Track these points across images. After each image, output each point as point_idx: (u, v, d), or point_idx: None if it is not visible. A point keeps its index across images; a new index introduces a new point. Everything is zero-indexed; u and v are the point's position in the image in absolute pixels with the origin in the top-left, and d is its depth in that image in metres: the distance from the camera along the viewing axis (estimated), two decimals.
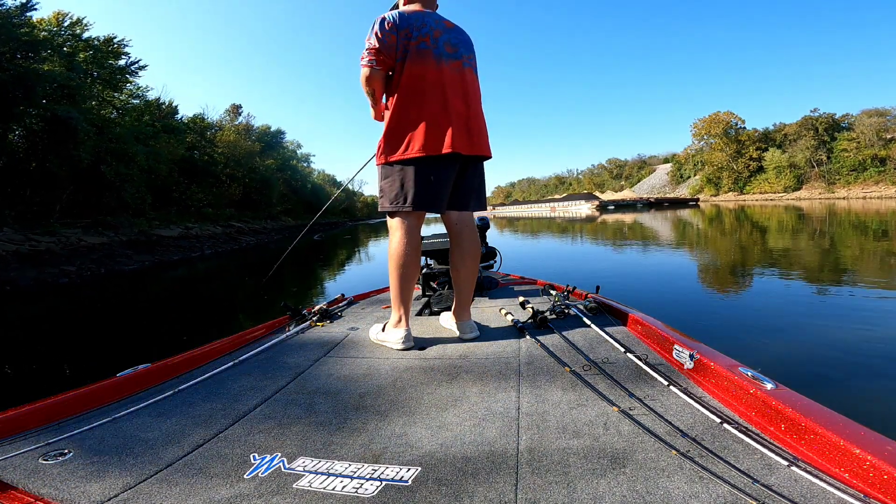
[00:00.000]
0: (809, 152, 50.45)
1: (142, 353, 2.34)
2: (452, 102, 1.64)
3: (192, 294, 7.45)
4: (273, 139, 44.27)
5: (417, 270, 1.75)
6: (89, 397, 1.26)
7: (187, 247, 14.46)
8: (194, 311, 5.86)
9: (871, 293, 4.45)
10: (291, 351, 1.70)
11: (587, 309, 1.89)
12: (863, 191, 43.65)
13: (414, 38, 1.63)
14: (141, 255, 11.81)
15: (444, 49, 1.68)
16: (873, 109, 46.90)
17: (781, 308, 4.14)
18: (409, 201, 1.64)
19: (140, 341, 4.24)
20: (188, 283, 8.91)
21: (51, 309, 6.51)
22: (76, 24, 19.55)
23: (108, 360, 3.58)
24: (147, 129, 20.63)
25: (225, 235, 18.85)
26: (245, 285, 7.88)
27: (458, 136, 1.62)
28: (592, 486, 0.78)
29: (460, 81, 1.69)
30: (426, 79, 1.64)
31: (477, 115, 1.74)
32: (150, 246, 12.99)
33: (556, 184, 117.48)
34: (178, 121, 27.61)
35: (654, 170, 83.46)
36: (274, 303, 5.94)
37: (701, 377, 1.19)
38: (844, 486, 0.73)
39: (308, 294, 6.68)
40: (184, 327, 4.75)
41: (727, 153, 58.26)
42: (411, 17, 1.66)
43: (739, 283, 5.65)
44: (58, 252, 10.21)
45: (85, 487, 0.85)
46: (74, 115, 13.73)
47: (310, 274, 9.01)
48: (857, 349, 2.93)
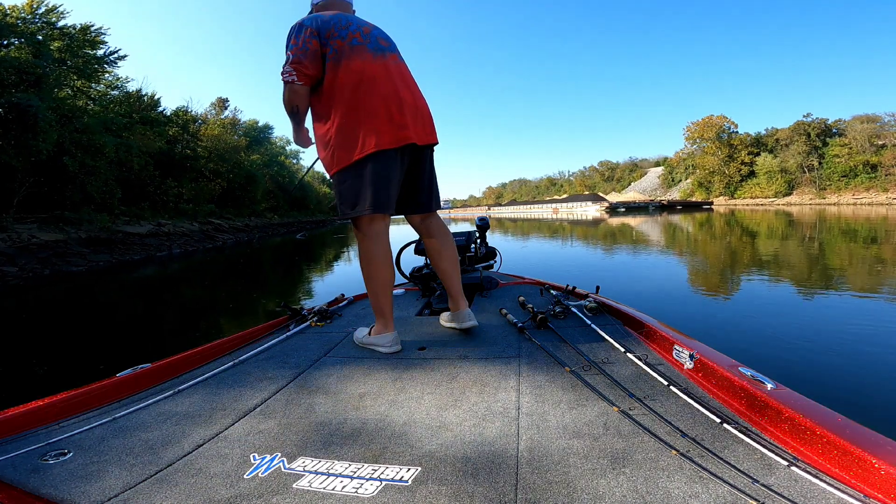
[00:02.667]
0: (801, 157, 50.51)
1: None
2: (401, 93, 1.59)
3: (134, 304, 6.58)
4: (260, 134, 43.14)
5: (391, 274, 1.72)
6: (89, 397, 1.26)
7: (155, 245, 13.50)
8: (124, 329, 5.03)
9: (871, 294, 4.45)
10: (291, 351, 1.68)
11: (587, 309, 1.87)
12: (853, 197, 43.71)
13: (343, 36, 1.57)
14: (99, 254, 10.88)
15: (379, 43, 1.63)
16: (863, 116, 47.03)
17: (782, 308, 4.13)
18: (372, 204, 1.56)
19: (21, 370, 3.43)
20: (141, 289, 8.01)
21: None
22: (50, 12, 18.64)
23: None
24: (119, 118, 19.58)
25: (201, 233, 17.87)
26: (200, 296, 7.03)
27: (412, 125, 1.59)
28: (592, 486, 0.78)
29: (401, 73, 1.65)
30: (366, 72, 1.56)
31: (424, 105, 1.68)
32: (112, 244, 12.03)
33: (547, 185, 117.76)
34: (159, 113, 26.56)
35: (646, 173, 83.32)
36: (236, 314, 5.16)
37: (701, 377, 1.18)
38: (844, 486, 0.73)
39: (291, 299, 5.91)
40: (94, 352, 3.92)
41: (719, 157, 58.23)
42: (332, 20, 1.59)
43: (740, 283, 5.54)
44: (2, 250, 9.29)
45: (85, 487, 0.85)
46: (35, 104, 12.73)
47: (293, 276, 8.23)
48: (858, 349, 2.92)
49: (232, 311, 5.46)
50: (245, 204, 31.64)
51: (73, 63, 19.45)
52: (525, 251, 10.43)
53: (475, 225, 2.93)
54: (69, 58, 19.16)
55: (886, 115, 45.39)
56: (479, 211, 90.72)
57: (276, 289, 7.18)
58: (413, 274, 2.64)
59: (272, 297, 6.17)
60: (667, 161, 77.18)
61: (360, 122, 1.53)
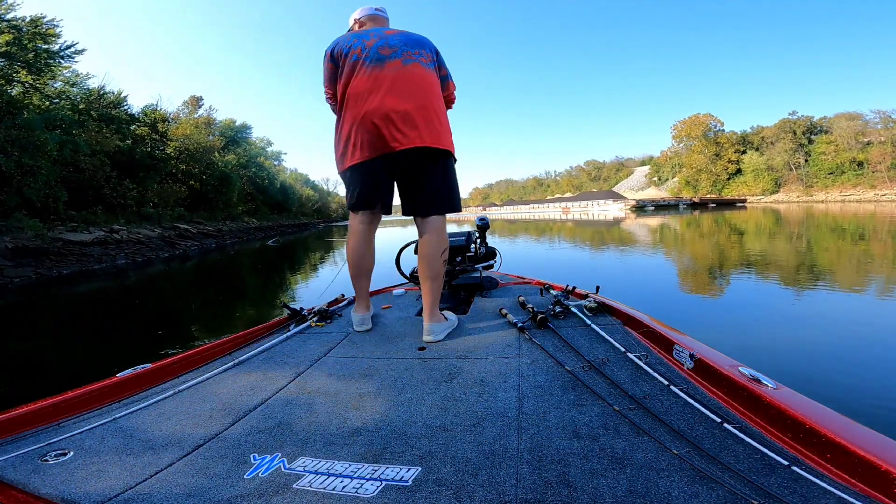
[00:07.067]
0: (788, 155, 50.48)
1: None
2: (386, 104, 1.66)
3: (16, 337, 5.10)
4: (237, 134, 41.23)
5: (366, 262, 1.91)
6: (89, 397, 1.27)
7: (98, 255, 11.83)
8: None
9: (871, 295, 4.46)
10: (291, 351, 1.68)
11: (587, 309, 1.85)
12: (841, 194, 43.68)
13: (346, 54, 1.74)
14: (20, 267, 9.27)
15: (378, 53, 1.71)
16: (847, 113, 47.11)
17: (782, 308, 4.11)
18: (351, 204, 1.84)
19: None
20: (41, 313, 6.51)
21: None
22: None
23: None
24: (66, 114, 17.84)
25: (160, 239, 16.16)
26: (109, 331, 5.56)
27: (390, 135, 1.67)
28: (592, 486, 0.78)
29: (398, 78, 1.69)
30: (355, 88, 1.71)
31: (424, 108, 1.70)
32: (43, 255, 10.40)
33: (534, 185, 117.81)
34: (121, 111, 24.79)
35: (632, 172, 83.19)
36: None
37: (701, 377, 1.17)
38: (844, 486, 0.73)
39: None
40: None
41: (706, 155, 58.06)
42: (343, 40, 1.78)
43: (740, 283, 5.46)
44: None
45: (85, 487, 0.85)
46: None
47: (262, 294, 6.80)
48: (858, 349, 2.91)
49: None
50: (219, 207, 29.86)
51: (21, 58, 17.80)
52: (525, 251, 9.19)
53: (475, 225, 2.89)
54: (18, 52, 17.47)
55: (870, 112, 45.50)
56: (469, 212, 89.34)
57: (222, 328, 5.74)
58: (413, 274, 2.68)
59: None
60: (653, 160, 77.08)
61: (347, 136, 1.74)
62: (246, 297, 6.89)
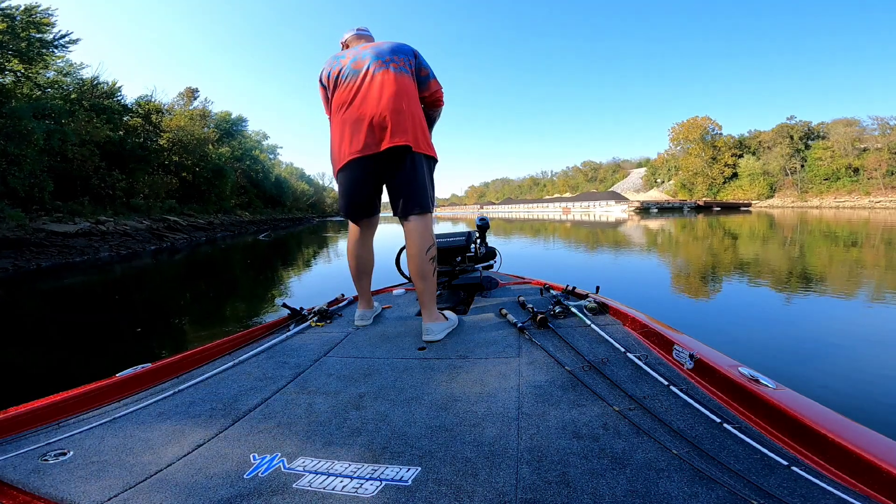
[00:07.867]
0: (784, 160, 50.53)
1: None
2: (361, 111, 1.77)
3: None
4: (232, 127, 40.82)
5: (365, 263, 2.02)
6: (89, 397, 1.26)
7: (81, 247, 11.61)
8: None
9: (871, 295, 4.49)
10: (291, 351, 1.68)
11: (587, 309, 1.86)
12: (835, 199, 43.74)
13: (329, 75, 1.91)
14: (0, 259, 9.06)
15: (352, 68, 1.85)
16: (844, 119, 47.16)
17: (782, 309, 4.11)
18: (343, 214, 1.96)
19: None
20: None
21: None
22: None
23: None
24: (54, 103, 17.54)
25: (148, 232, 15.92)
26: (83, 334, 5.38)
27: (367, 138, 1.76)
28: (592, 486, 0.79)
29: (370, 87, 1.79)
30: (334, 104, 1.89)
31: (396, 111, 1.76)
32: (24, 246, 10.17)
33: (530, 185, 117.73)
34: (114, 101, 24.43)
35: (629, 174, 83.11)
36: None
37: (701, 377, 1.17)
38: (844, 487, 0.73)
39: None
40: None
41: (703, 158, 58.06)
42: (327, 64, 1.95)
43: (740, 284, 5.45)
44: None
45: (85, 487, 0.85)
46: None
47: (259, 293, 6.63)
48: (858, 350, 2.91)
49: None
50: (211, 200, 29.54)
51: (14, 46, 17.51)
52: (525, 251, 9.04)
53: (475, 225, 2.91)
54: (10, 41, 17.17)
55: (868, 118, 45.55)
56: (467, 210, 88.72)
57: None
58: None
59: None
60: (649, 162, 77.02)
61: (332, 149, 1.90)
62: (237, 293, 6.72)
